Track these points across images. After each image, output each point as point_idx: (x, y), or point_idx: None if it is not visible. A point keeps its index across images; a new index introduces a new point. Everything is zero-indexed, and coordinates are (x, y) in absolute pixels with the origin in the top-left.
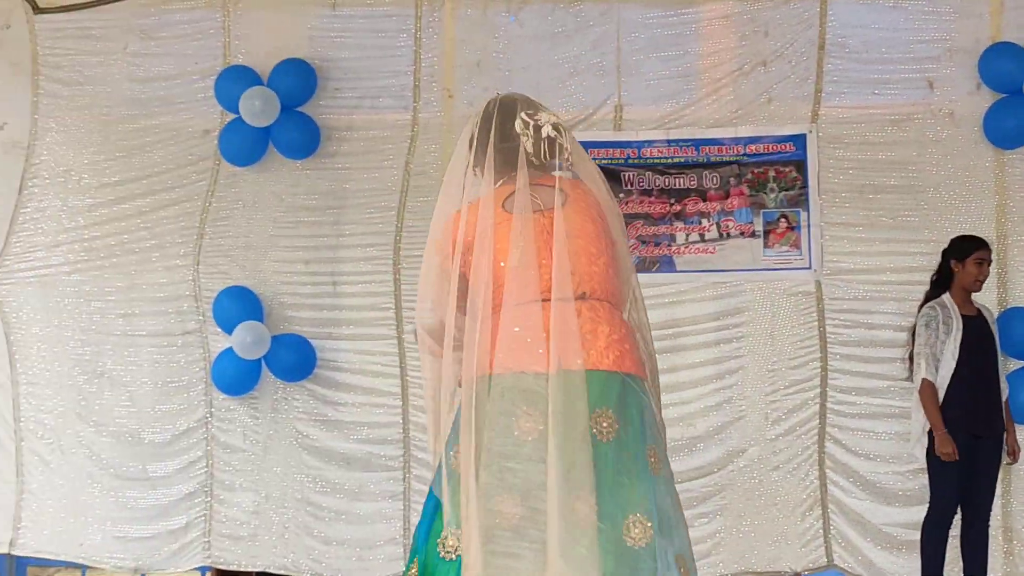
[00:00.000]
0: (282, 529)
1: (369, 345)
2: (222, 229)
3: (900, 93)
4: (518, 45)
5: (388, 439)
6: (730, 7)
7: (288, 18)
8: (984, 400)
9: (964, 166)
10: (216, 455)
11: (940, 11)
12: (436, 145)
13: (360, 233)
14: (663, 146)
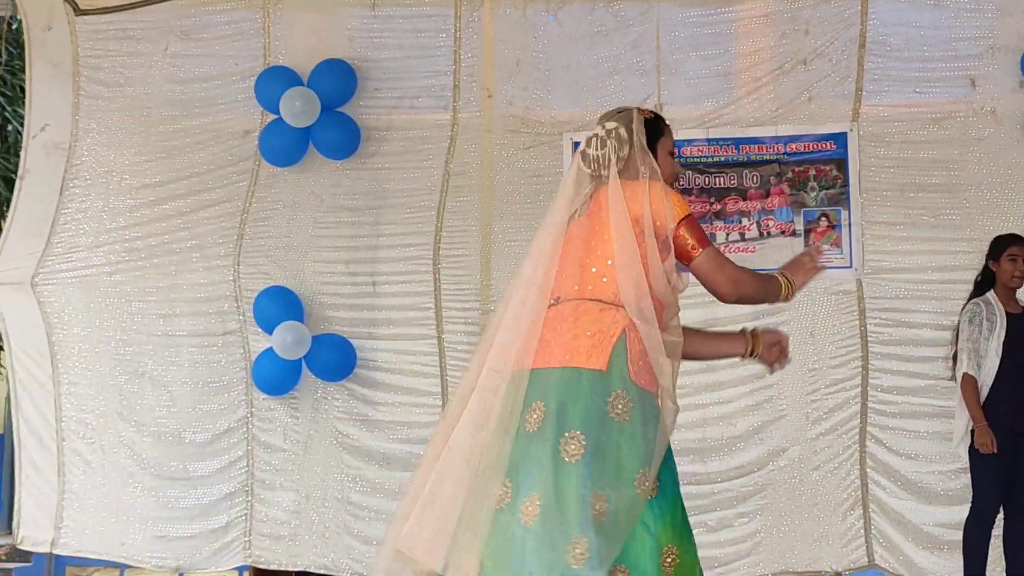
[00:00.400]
0: (322, 528)
1: (409, 345)
2: (262, 229)
3: (942, 91)
4: (557, 44)
5: (427, 439)
6: (770, 5)
7: (328, 19)
8: None
9: (1006, 164)
10: (257, 455)
11: (982, 8)
12: (475, 145)
13: (400, 233)
14: (703, 145)
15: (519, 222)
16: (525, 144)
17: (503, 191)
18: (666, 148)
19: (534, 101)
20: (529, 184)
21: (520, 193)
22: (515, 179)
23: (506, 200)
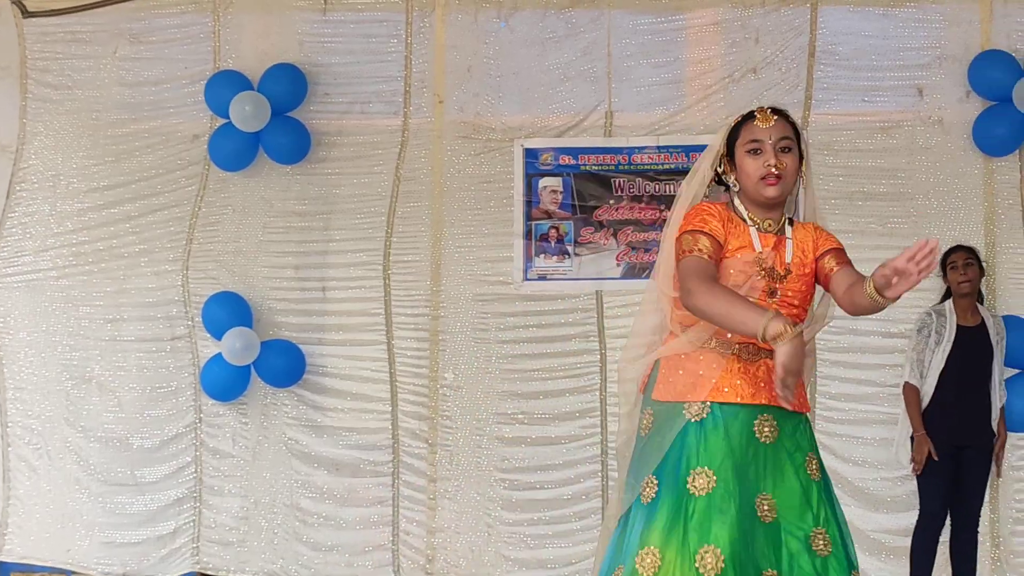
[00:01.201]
0: (271, 535)
1: (359, 351)
2: (211, 234)
3: (890, 100)
4: (509, 51)
5: (377, 445)
6: (721, 14)
7: (278, 23)
8: (971, 411)
9: (953, 173)
10: (205, 460)
11: (930, 19)
12: (426, 151)
13: (350, 239)
14: (653, 152)
15: (469, 228)
16: (476, 150)
17: (454, 197)
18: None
19: (485, 107)
20: (480, 190)
21: (471, 199)
22: (466, 185)
23: (457, 206)
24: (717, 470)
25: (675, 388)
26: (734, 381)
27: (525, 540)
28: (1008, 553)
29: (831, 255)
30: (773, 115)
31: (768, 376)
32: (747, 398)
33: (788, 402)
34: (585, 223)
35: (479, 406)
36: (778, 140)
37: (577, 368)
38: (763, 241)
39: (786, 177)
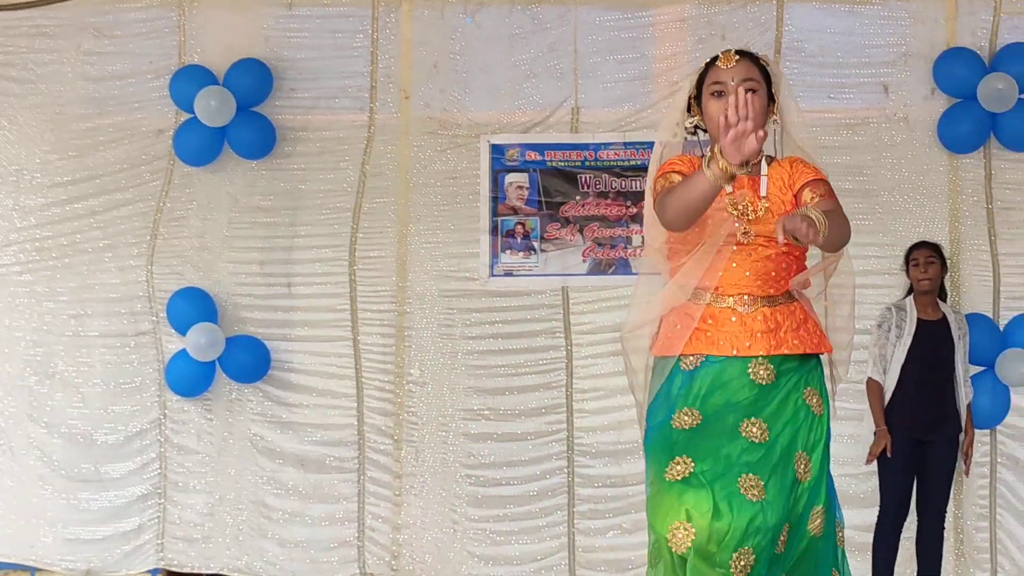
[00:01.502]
0: (236, 531)
1: (324, 347)
2: (176, 230)
3: (856, 97)
4: (475, 47)
5: (343, 441)
6: (687, 10)
7: (244, 17)
8: (932, 405)
9: (918, 170)
10: (169, 457)
11: (896, 16)
12: (392, 147)
13: (315, 234)
14: (620, 148)
15: (435, 224)
16: (442, 146)
17: (420, 193)
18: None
19: (451, 103)
20: (446, 186)
21: (437, 195)
22: (432, 181)
23: (423, 202)
24: (702, 410)
25: (671, 342)
26: (730, 334)
27: (491, 536)
28: (972, 549)
29: (808, 188)
30: (736, 56)
31: (768, 327)
32: (743, 351)
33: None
34: (551, 219)
35: (445, 402)
36: (742, 81)
37: (543, 364)
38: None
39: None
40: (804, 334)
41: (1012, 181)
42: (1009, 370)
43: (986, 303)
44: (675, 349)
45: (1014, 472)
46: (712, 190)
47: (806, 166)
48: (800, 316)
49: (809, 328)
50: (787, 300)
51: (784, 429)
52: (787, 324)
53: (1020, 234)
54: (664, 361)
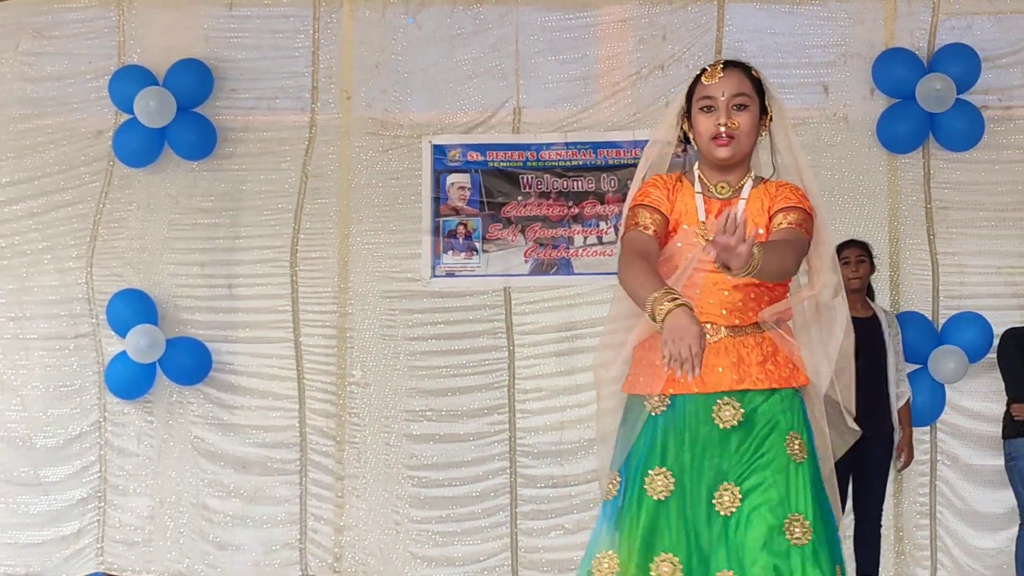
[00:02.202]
0: (177, 534)
1: (266, 348)
2: (116, 231)
3: (796, 97)
4: (417, 47)
5: (285, 443)
6: (628, 11)
7: (184, 18)
8: (866, 402)
9: (858, 170)
10: (110, 460)
11: (835, 17)
12: (334, 147)
13: (257, 235)
14: (561, 149)
15: (377, 225)
16: (384, 147)
17: (361, 194)
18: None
19: (393, 103)
20: (388, 187)
21: (378, 196)
22: (373, 182)
23: (364, 203)
24: (675, 470)
25: (638, 379)
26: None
27: (433, 537)
28: (912, 547)
29: (781, 214)
30: (723, 70)
31: (729, 358)
32: (705, 387)
33: (688, 377)
34: (493, 219)
35: (387, 403)
36: (732, 97)
37: (485, 365)
38: (708, 207)
39: (739, 137)
40: (772, 368)
41: (950, 181)
42: (942, 367)
43: (925, 302)
44: (642, 387)
45: (953, 469)
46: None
47: (793, 191)
48: (769, 348)
49: (779, 361)
50: (754, 331)
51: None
52: (752, 357)
53: (958, 233)
54: (632, 401)
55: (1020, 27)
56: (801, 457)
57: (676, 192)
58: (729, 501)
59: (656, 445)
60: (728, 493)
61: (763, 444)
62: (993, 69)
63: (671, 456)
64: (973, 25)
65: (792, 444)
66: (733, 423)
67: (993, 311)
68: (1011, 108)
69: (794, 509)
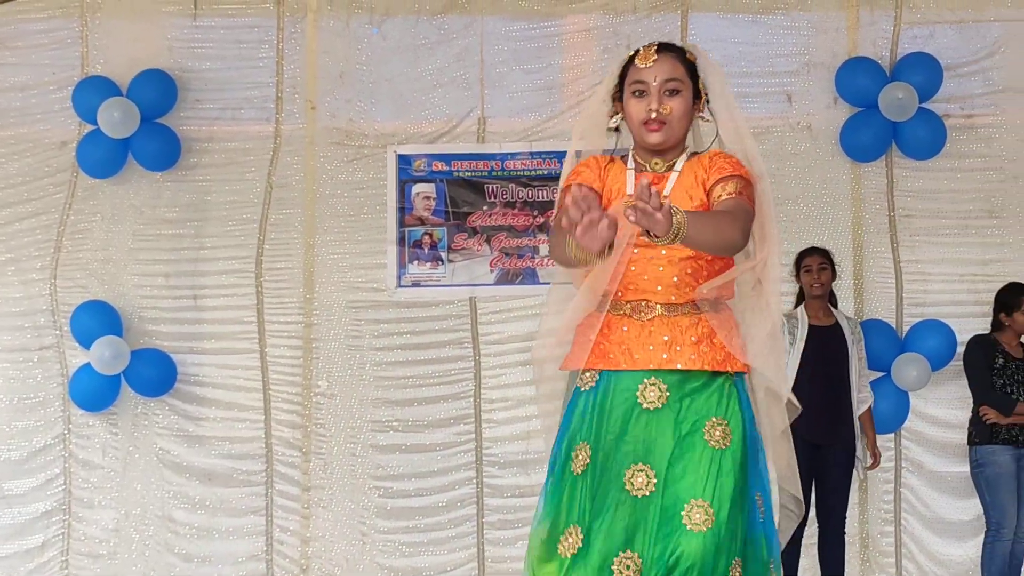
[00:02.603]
0: (142, 547)
1: (231, 359)
2: (80, 242)
3: (760, 106)
4: (381, 57)
5: (250, 454)
6: (592, 20)
7: (147, 28)
8: (828, 410)
9: (821, 179)
10: (74, 472)
11: (798, 26)
12: (299, 157)
13: (222, 246)
14: (526, 158)
15: (342, 235)
16: (349, 157)
17: (326, 204)
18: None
19: (358, 113)
20: (353, 197)
21: (344, 206)
22: (339, 192)
23: (329, 213)
24: (593, 445)
25: (574, 356)
26: (621, 344)
27: (400, 548)
28: (877, 553)
29: (719, 185)
30: (656, 53)
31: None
32: (631, 363)
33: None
34: (458, 229)
35: (353, 414)
36: (664, 82)
37: (451, 375)
38: (638, 179)
39: (671, 123)
40: (705, 349)
41: (913, 189)
42: (904, 375)
43: (889, 310)
44: (576, 363)
45: (918, 476)
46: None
47: (726, 160)
48: (704, 329)
49: (714, 343)
50: (691, 311)
51: (676, 474)
52: (686, 337)
53: (921, 241)
54: (568, 379)
55: (981, 36)
56: (722, 444)
57: (607, 171)
58: (642, 482)
59: (582, 420)
60: (642, 474)
61: (682, 428)
62: (955, 78)
63: (592, 431)
64: (935, 34)
65: (713, 431)
66: (657, 404)
67: (956, 319)
68: (973, 116)
69: (699, 495)
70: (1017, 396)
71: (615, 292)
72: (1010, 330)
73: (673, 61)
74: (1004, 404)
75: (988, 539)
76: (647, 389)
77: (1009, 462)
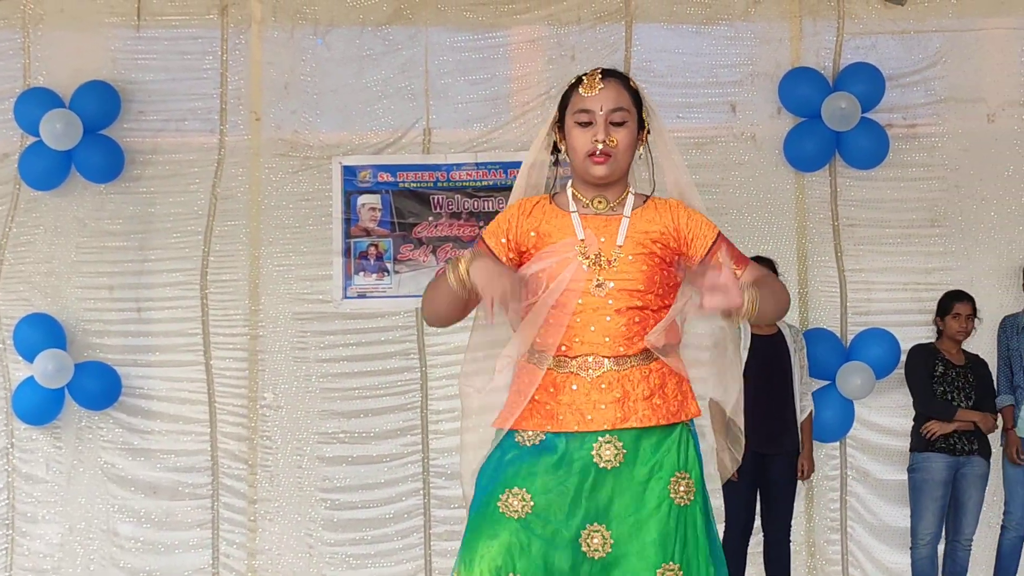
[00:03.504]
0: (87, 561)
1: (176, 371)
2: (22, 255)
3: (704, 116)
4: (326, 68)
5: (196, 467)
6: (537, 31)
7: (90, 39)
8: (772, 419)
9: (766, 188)
10: (17, 486)
11: (742, 37)
12: (243, 169)
13: (166, 258)
14: (472, 169)
15: (288, 246)
16: (294, 168)
17: (271, 215)
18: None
19: (303, 124)
20: (298, 208)
21: (289, 217)
22: (284, 203)
23: (275, 224)
24: (536, 494)
25: (510, 413)
26: (571, 405)
27: (347, 560)
28: (824, 561)
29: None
30: (602, 80)
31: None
32: (583, 424)
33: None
34: (404, 240)
35: (299, 426)
36: (610, 112)
37: (398, 386)
38: (586, 223)
39: (616, 155)
40: (659, 402)
41: (857, 198)
42: (849, 383)
43: (834, 319)
44: (513, 422)
45: (864, 484)
46: (456, 296)
47: (703, 224)
48: (656, 380)
49: (666, 393)
50: (642, 361)
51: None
52: (638, 392)
53: (865, 250)
54: (503, 437)
55: (923, 46)
56: (686, 500)
57: (535, 213)
58: (599, 543)
59: (520, 467)
60: (598, 535)
61: (644, 487)
62: (897, 88)
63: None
64: (877, 44)
65: (677, 486)
66: (614, 463)
67: (900, 327)
68: (915, 126)
69: (669, 558)
70: (958, 403)
71: (559, 347)
72: (948, 337)
73: (619, 88)
74: (945, 411)
75: (911, 546)
76: (602, 448)
77: (941, 470)
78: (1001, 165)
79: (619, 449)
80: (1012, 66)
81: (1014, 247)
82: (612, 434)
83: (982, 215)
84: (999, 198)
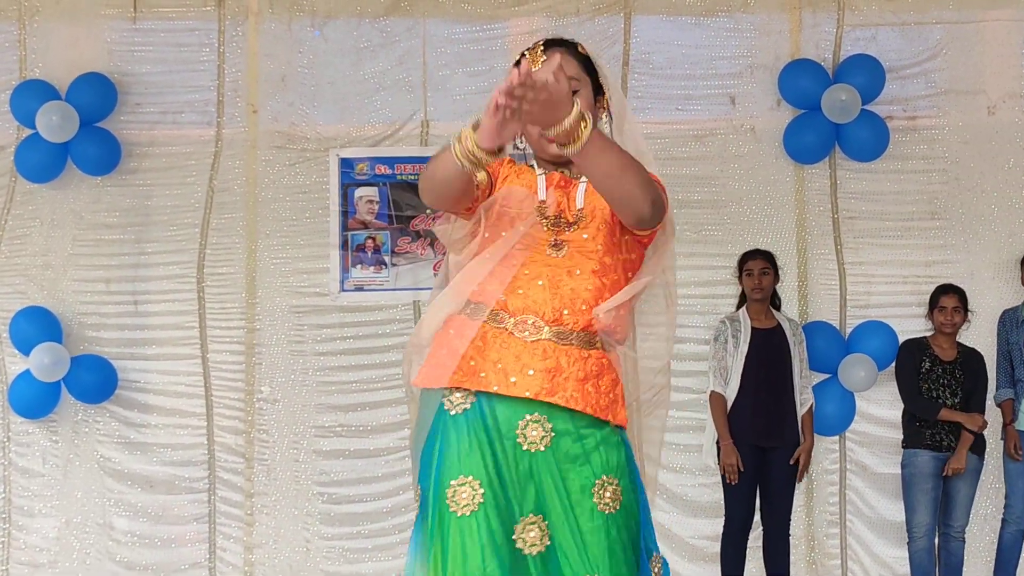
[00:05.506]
0: (83, 555)
1: (173, 365)
2: (19, 248)
3: (703, 109)
4: (323, 60)
5: (193, 461)
6: (536, 23)
7: (87, 31)
8: (772, 412)
9: (765, 181)
10: (14, 480)
11: (742, 29)
12: (240, 161)
13: (163, 251)
14: None
15: (285, 239)
16: (291, 160)
17: (268, 208)
18: None
19: (300, 117)
20: (295, 201)
21: (286, 210)
22: (281, 196)
23: (271, 217)
24: (483, 481)
25: (435, 371)
26: (496, 364)
27: (344, 554)
28: (823, 555)
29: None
30: (544, 52)
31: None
32: (509, 388)
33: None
34: (402, 233)
35: (296, 419)
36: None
37: (395, 379)
38: (549, 182)
39: None
40: (591, 389)
41: (856, 191)
42: (851, 376)
43: (833, 311)
44: (438, 380)
45: (863, 478)
46: (456, 169)
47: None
48: (594, 368)
49: (600, 386)
50: (583, 343)
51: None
52: (572, 370)
53: (865, 243)
54: (428, 395)
55: (924, 38)
56: (612, 508)
57: (509, 168)
58: (535, 537)
59: (459, 450)
60: (535, 528)
61: (570, 483)
62: (897, 80)
63: (475, 465)
64: (877, 36)
65: (603, 492)
66: (540, 447)
67: (899, 319)
68: (915, 118)
69: (595, 570)
70: (943, 400)
71: (499, 298)
72: (938, 330)
73: (565, 57)
74: (928, 409)
75: (908, 540)
76: (528, 427)
77: (927, 464)
78: (1002, 157)
79: (546, 432)
80: (1013, 58)
81: (1014, 240)
82: (540, 411)
83: (982, 208)
84: (999, 191)
